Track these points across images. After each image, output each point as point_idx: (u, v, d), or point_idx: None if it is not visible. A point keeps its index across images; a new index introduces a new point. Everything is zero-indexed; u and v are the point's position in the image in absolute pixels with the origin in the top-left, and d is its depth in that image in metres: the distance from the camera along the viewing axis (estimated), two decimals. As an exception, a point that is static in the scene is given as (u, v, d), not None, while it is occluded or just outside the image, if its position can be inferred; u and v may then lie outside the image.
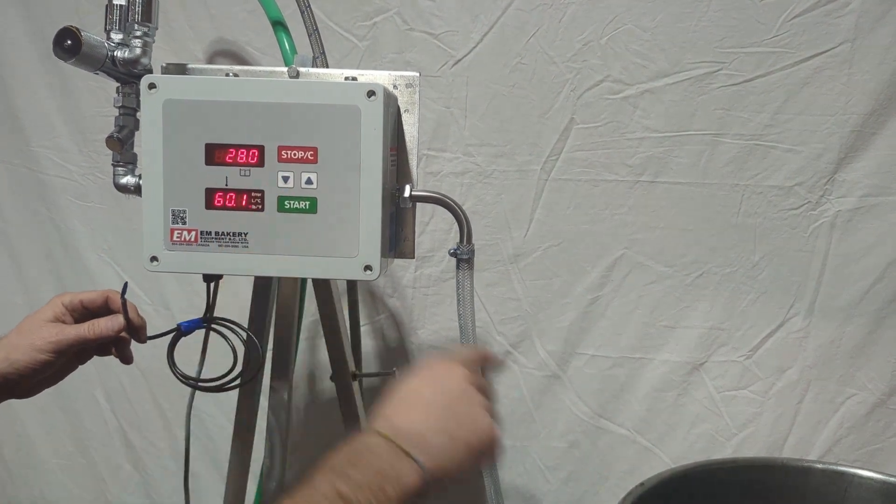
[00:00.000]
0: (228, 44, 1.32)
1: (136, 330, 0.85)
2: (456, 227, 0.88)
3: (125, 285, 0.85)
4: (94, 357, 0.88)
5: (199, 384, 0.88)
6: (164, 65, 0.90)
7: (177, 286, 1.41)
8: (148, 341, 0.88)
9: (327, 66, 1.08)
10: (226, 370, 0.89)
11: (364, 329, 1.36)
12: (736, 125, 1.21)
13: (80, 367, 0.88)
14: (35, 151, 1.40)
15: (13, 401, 0.83)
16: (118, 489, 1.53)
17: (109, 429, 1.50)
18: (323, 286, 1.02)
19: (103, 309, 0.85)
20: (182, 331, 0.88)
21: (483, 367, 0.70)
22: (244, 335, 0.93)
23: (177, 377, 0.88)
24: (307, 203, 0.81)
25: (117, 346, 0.85)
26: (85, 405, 1.49)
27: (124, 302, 0.84)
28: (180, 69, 0.90)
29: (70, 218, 1.42)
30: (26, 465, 1.55)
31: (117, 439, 1.51)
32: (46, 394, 1.45)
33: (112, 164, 0.89)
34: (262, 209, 0.81)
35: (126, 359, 0.87)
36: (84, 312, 0.84)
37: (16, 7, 1.36)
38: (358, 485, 0.52)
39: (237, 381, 0.90)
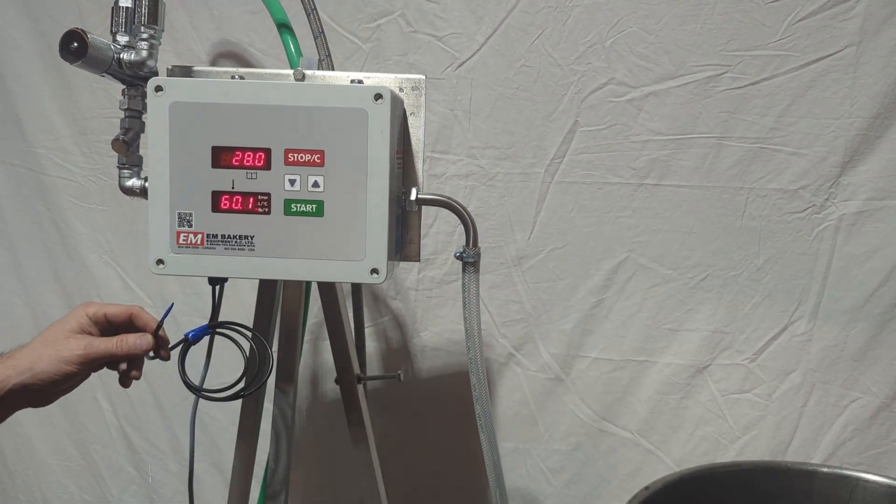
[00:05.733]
0: (231, 45, 1.32)
1: (162, 346, 0.85)
2: (459, 230, 0.88)
3: (170, 308, 0.85)
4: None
5: (211, 394, 0.87)
6: (169, 67, 0.90)
7: (178, 288, 1.40)
8: (153, 359, 0.87)
9: (333, 69, 1.08)
10: (231, 371, 0.88)
11: (367, 331, 1.36)
12: (740, 128, 1.21)
13: None
14: (36, 152, 1.40)
15: None
16: (119, 491, 1.53)
17: (111, 430, 1.50)
18: (328, 289, 1.01)
19: (126, 324, 0.84)
20: (189, 341, 0.88)
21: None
22: (251, 337, 0.92)
23: (189, 388, 0.87)
24: (314, 206, 0.81)
25: (132, 362, 0.85)
26: (86, 407, 1.49)
27: (160, 324, 0.84)
28: (186, 71, 0.90)
29: (71, 219, 1.42)
30: (27, 467, 1.54)
31: (119, 441, 1.50)
32: (47, 396, 1.46)
33: (117, 167, 0.89)
34: (269, 212, 0.81)
35: (138, 375, 0.86)
36: (107, 326, 0.84)
37: (17, 8, 1.36)
38: None
39: (248, 391, 0.89)
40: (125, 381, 0.85)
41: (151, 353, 0.85)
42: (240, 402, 1.04)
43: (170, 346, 0.86)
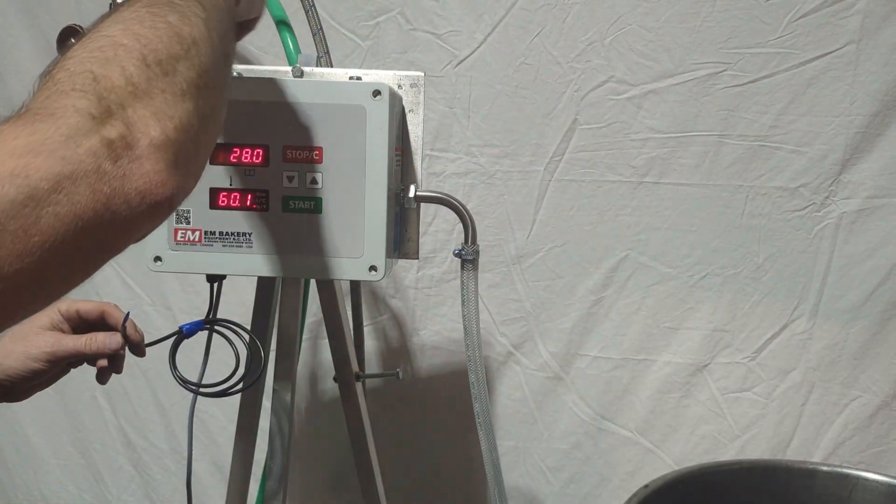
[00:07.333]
0: (230, 43, 1.31)
1: (134, 346, 0.85)
2: (458, 228, 0.88)
3: (127, 315, 0.84)
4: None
5: (201, 389, 0.87)
6: (167, 64, 0.89)
7: (177, 286, 1.40)
8: (150, 345, 0.87)
9: (331, 66, 1.08)
10: (228, 371, 0.88)
11: (366, 329, 1.35)
12: (740, 126, 1.21)
13: (80, 367, 0.87)
14: (36, 151, 1.40)
15: None
16: (118, 490, 1.53)
17: (110, 429, 1.50)
18: (326, 286, 1.01)
19: (99, 321, 0.84)
20: (184, 334, 0.87)
21: None
22: (246, 337, 0.92)
23: (178, 382, 0.87)
24: (312, 203, 0.81)
25: (111, 359, 0.84)
26: (85, 406, 1.49)
27: (125, 327, 0.83)
28: (184, 68, 0.89)
29: (71, 217, 1.41)
30: (26, 466, 1.54)
31: (118, 440, 1.50)
32: (46, 394, 1.45)
33: (115, 164, 0.88)
34: (267, 209, 0.81)
35: (118, 370, 0.86)
36: (80, 322, 0.83)
37: (16, 6, 1.35)
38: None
39: (239, 386, 0.89)
40: (102, 377, 0.84)
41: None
42: (238, 401, 1.04)
43: (163, 338, 0.86)
